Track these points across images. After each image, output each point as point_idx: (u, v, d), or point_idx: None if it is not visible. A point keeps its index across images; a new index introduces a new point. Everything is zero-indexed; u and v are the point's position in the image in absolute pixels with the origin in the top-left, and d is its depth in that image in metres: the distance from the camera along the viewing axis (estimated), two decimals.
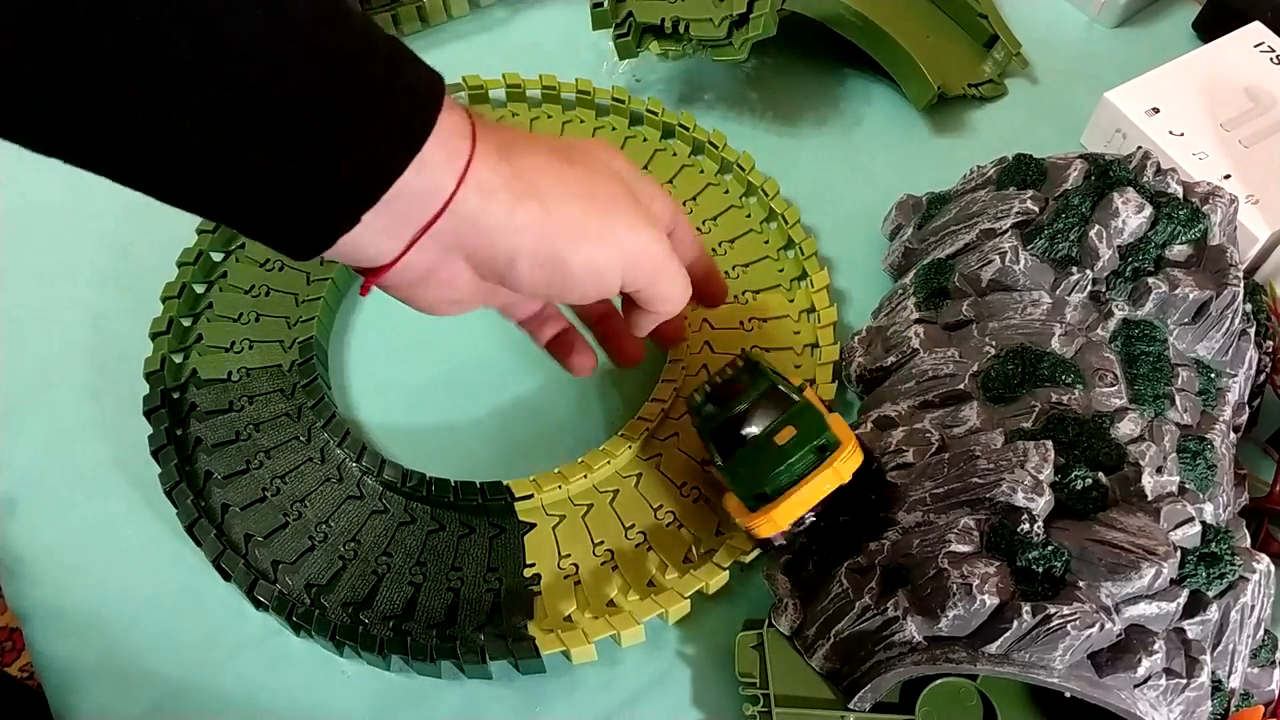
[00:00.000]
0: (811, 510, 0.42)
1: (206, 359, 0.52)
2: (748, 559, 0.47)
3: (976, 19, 0.66)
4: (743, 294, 0.56)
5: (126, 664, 0.46)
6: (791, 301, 0.56)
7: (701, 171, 0.61)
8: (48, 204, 0.60)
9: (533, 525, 0.48)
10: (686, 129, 0.61)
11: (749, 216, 0.59)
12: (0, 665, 1.11)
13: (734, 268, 0.57)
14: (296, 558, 0.47)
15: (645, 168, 0.60)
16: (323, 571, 0.46)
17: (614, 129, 0.62)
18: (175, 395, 0.51)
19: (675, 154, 0.61)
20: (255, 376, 0.52)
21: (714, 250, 0.57)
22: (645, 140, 0.62)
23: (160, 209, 0.61)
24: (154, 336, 0.53)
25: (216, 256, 0.56)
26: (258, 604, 0.46)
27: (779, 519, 0.41)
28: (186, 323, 0.54)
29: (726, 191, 0.60)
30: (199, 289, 0.55)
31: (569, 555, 0.47)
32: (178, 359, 0.53)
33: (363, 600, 0.46)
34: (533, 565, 0.47)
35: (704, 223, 0.58)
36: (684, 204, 0.59)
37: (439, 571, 0.47)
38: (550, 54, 0.68)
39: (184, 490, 0.48)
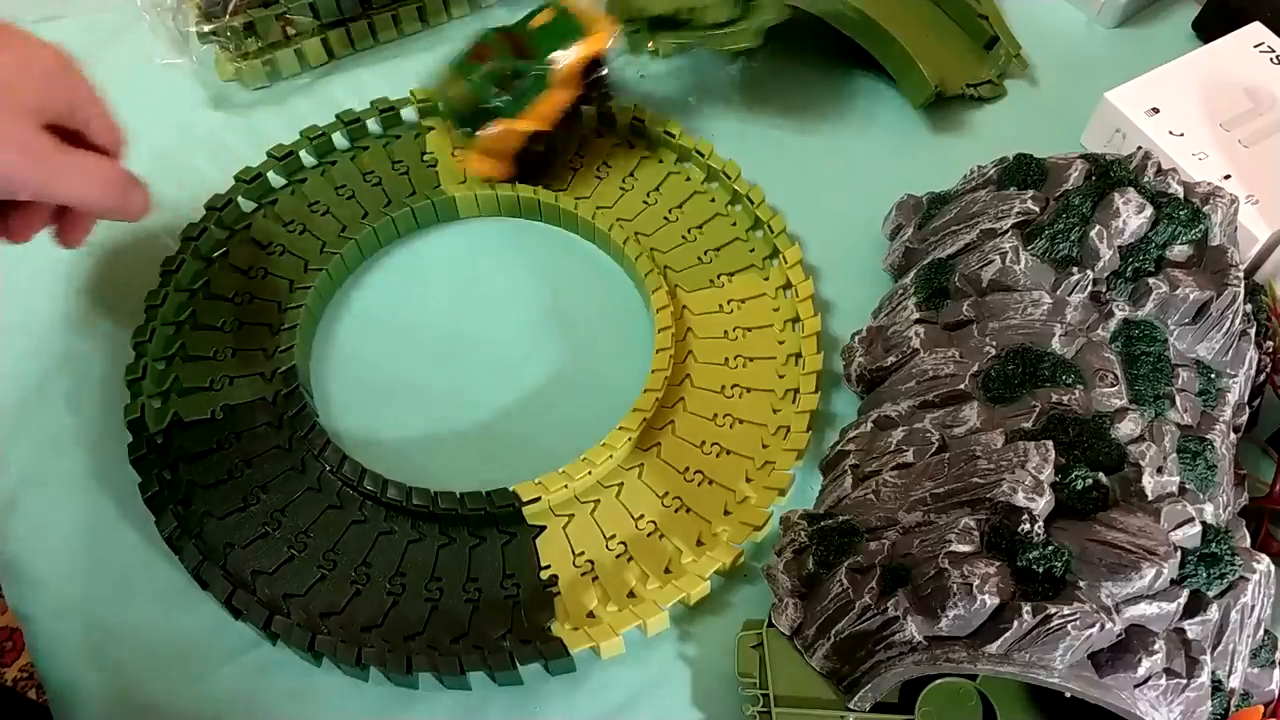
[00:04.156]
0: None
1: (187, 400, 0.52)
2: (760, 537, 0.48)
3: (977, 20, 0.66)
4: (718, 277, 0.57)
5: (127, 665, 0.46)
6: (766, 279, 0.57)
7: (661, 161, 0.61)
8: None
9: (543, 528, 0.48)
10: (641, 121, 0.61)
11: (713, 201, 0.60)
12: (0, 666, 1.11)
13: (705, 252, 0.57)
14: (307, 589, 0.46)
15: (605, 164, 0.61)
16: (336, 600, 0.46)
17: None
18: (160, 440, 0.50)
19: (633, 147, 0.62)
20: (240, 412, 0.51)
21: (683, 237, 0.58)
22: (601, 136, 0.62)
23: (145, 221, 0.60)
24: (130, 383, 0.51)
25: (182, 297, 0.55)
26: (274, 639, 0.46)
27: None
28: (161, 366, 0.53)
29: (688, 179, 0.61)
30: (169, 330, 0.54)
31: (583, 552, 0.48)
32: (157, 404, 0.51)
33: (380, 623, 0.45)
34: (548, 567, 0.47)
35: (670, 211, 0.59)
36: (648, 195, 0.60)
37: (455, 585, 0.47)
38: None
39: (183, 534, 0.47)
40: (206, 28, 0.62)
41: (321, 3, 0.64)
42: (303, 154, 0.60)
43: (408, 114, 0.62)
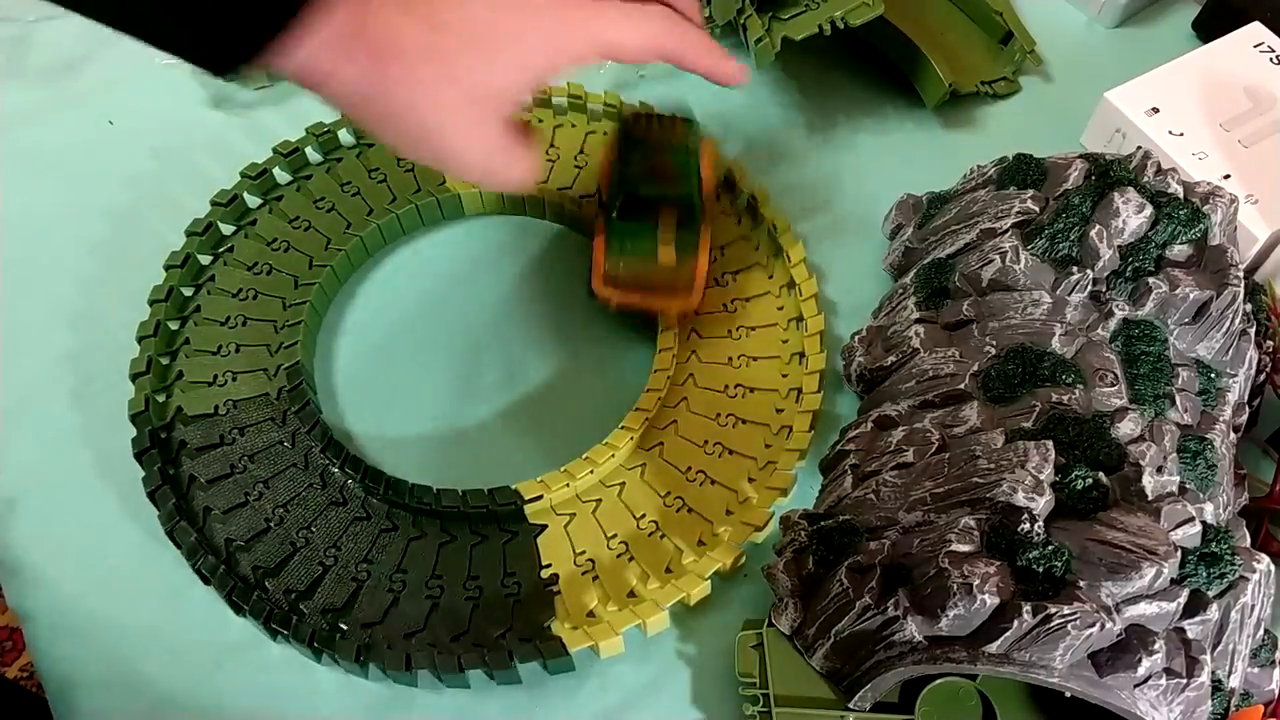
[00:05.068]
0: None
1: (190, 395, 0.52)
2: (760, 538, 0.48)
3: (992, 15, 0.66)
4: (722, 276, 0.57)
5: (127, 664, 0.46)
6: (771, 278, 0.56)
7: None
8: (36, 210, 0.60)
9: (544, 526, 0.48)
10: None
11: (719, 199, 0.59)
12: (0, 666, 1.11)
13: (710, 251, 0.57)
14: (309, 585, 0.46)
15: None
16: (338, 595, 0.46)
17: (574, 125, 0.62)
18: (163, 435, 0.50)
19: None
20: (243, 408, 0.51)
21: None
22: (607, 135, 0.61)
23: (147, 214, 0.61)
24: (134, 377, 0.51)
25: (187, 291, 0.55)
26: (275, 635, 0.46)
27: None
28: (165, 361, 0.53)
29: None
30: (173, 325, 0.54)
31: (584, 551, 0.48)
32: (161, 398, 0.51)
33: (381, 620, 0.45)
34: (549, 565, 0.47)
35: None
36: None
37: (456, 583, 0.47)
38: None
39: (185, 529, 0.47)
40: None
41: None
42: (309, 150, 0.60)
43: None
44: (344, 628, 0.45)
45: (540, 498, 0.48)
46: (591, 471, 0.49)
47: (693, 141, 0.52)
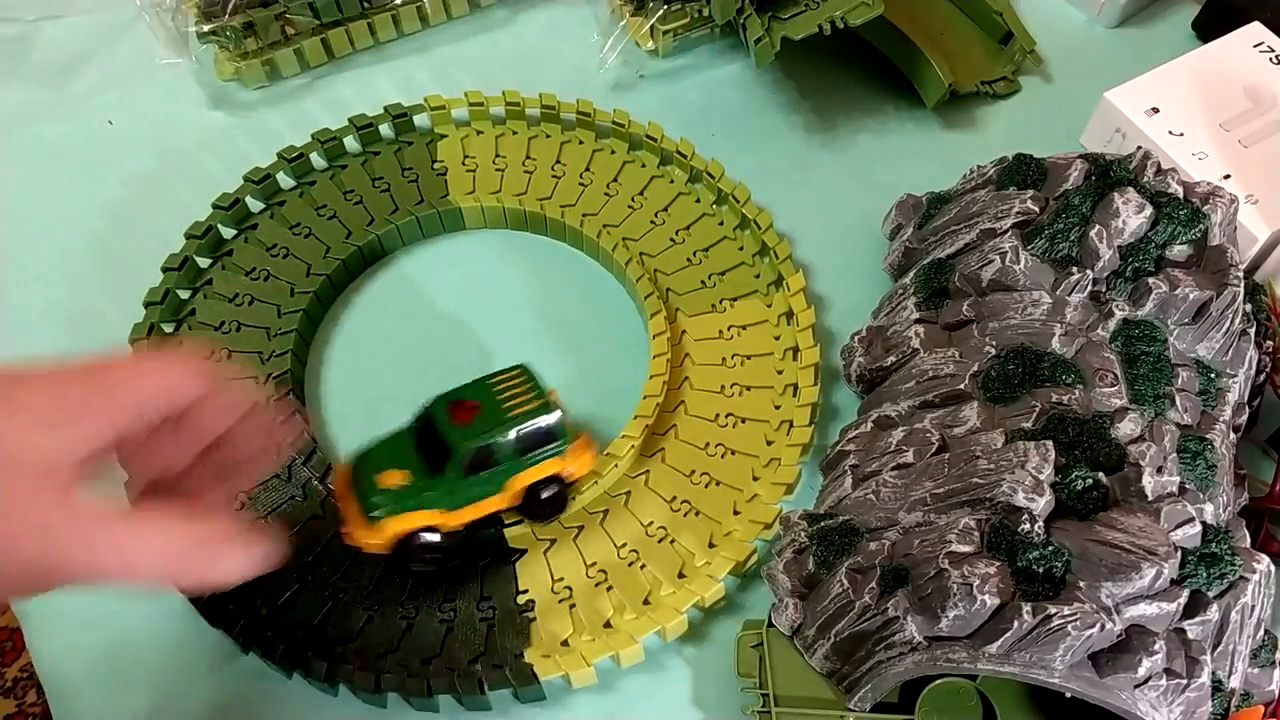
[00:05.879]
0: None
1: None
2: (743, 570, 0.47)
3: (992, 15, 0.66)
4: (720, 302, 0.56)
5: (127, 664, 0.46)
6: (769, 306, 0.55)
7: (671, 181, 0.60)
8: (35, 209, 0.60)
9: (523, 551, 0.48)
10: (654, 140, 0.60)
11: (721, 224, 0.59)
12: (0, 666, 1.11)
13: (710, 276, 0.56)
14: (284, 600, 0.46)
15: (615, 180, 0.60)
16: (312, 612, 0.45)
17: (582, 142, 0.61)
18: None
19: (644, 165, 0.61)
20: None
21: (688, 260, 0.57)
22: (613, 153, 0.61)
23: (143, 213, 0.60)
24: None
25: (184, 294, 0.55)
26: (247, 648, 0.45)
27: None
28: None
29: (698, 200, 0.59)
30: (167, 328, 0.54)
31: (562, 579, 0.47)
32: None
33: (353, 638, 0.45)
34: (526, 591, 0.47)
35: (677, 233, 0.58)
36: (655, 215, 0.58)
37: (431, 605, 0.46)
38: (549, 55, 0.68)
39: None
40: (206, 27, 0.62)
41: (321, 3, 0.64)
42: (313, 156, 0.60)
43: (421, 120, 0.62)
44: (315, 645, 0.45)
45: (520, 522, 0.48)
46: (574, 497, 0.48)
47: (521, 434, 0.44)
